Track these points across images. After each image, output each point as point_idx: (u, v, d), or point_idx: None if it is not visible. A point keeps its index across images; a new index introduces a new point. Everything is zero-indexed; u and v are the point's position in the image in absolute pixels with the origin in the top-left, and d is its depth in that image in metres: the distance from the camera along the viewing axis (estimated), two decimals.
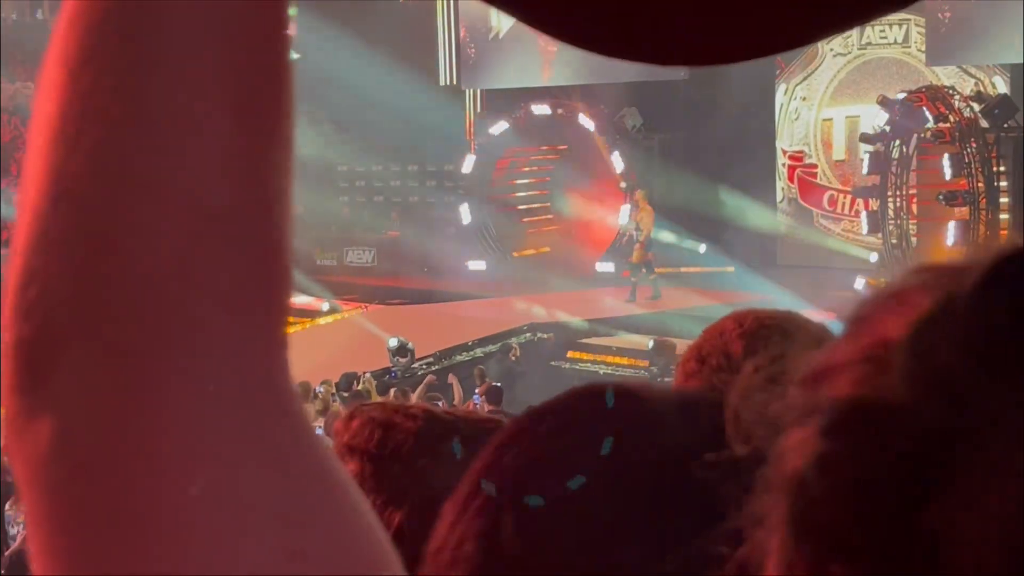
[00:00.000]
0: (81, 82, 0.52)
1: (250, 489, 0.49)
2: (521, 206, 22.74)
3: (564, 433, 0.83)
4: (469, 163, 21.99)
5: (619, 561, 0.76)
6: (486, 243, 22.11)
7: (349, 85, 20.75)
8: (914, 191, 18.41)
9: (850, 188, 19.55)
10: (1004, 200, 16.55)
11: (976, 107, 17.10)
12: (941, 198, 16.92)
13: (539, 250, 22.05)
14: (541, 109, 21.14)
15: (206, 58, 0.52)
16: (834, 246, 20.00)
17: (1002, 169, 16.66)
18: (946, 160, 16.84)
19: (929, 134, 17.30)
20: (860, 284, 17.04)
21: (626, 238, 20.18)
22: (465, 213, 21.96)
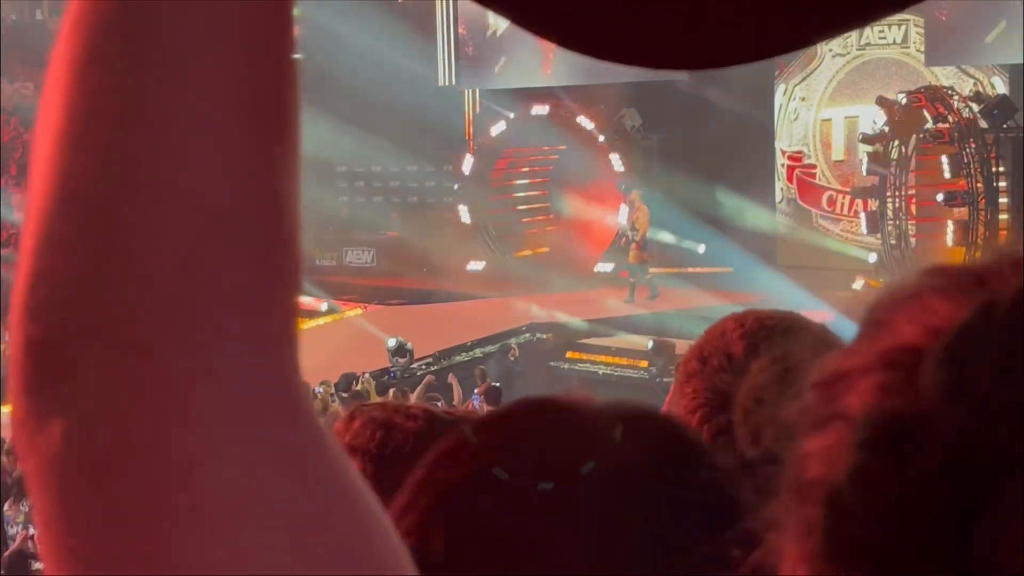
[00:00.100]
0: (86, 82, 0.52)
1: (265, 490, 0.49)
2: (520, 206, 22.74)
3: (502, 448, 0.83)
4: (468, 163, 22.00)
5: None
6: (485, 243, 22.10)
7: (349, 84, 20.76)
8: (913, 191, 18.41)
9: (849, 188, 19.53)
10: (1003, 200, 16.54)
11: (975, 107, 17.09)
12: (940, 198, 16.94)
13: (538, 250, 22.03)
14: (540, 109, 21.14)
15: (211, 58, 0.52)
16: (833, 246, 19.97)
17: (1001, 169, 16.65)
18: (945, 160, 16.84)
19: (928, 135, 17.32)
20: (859, 284, 17.04)
21: (624, 239, 20.18)
22: (464, 213, 21.96)
